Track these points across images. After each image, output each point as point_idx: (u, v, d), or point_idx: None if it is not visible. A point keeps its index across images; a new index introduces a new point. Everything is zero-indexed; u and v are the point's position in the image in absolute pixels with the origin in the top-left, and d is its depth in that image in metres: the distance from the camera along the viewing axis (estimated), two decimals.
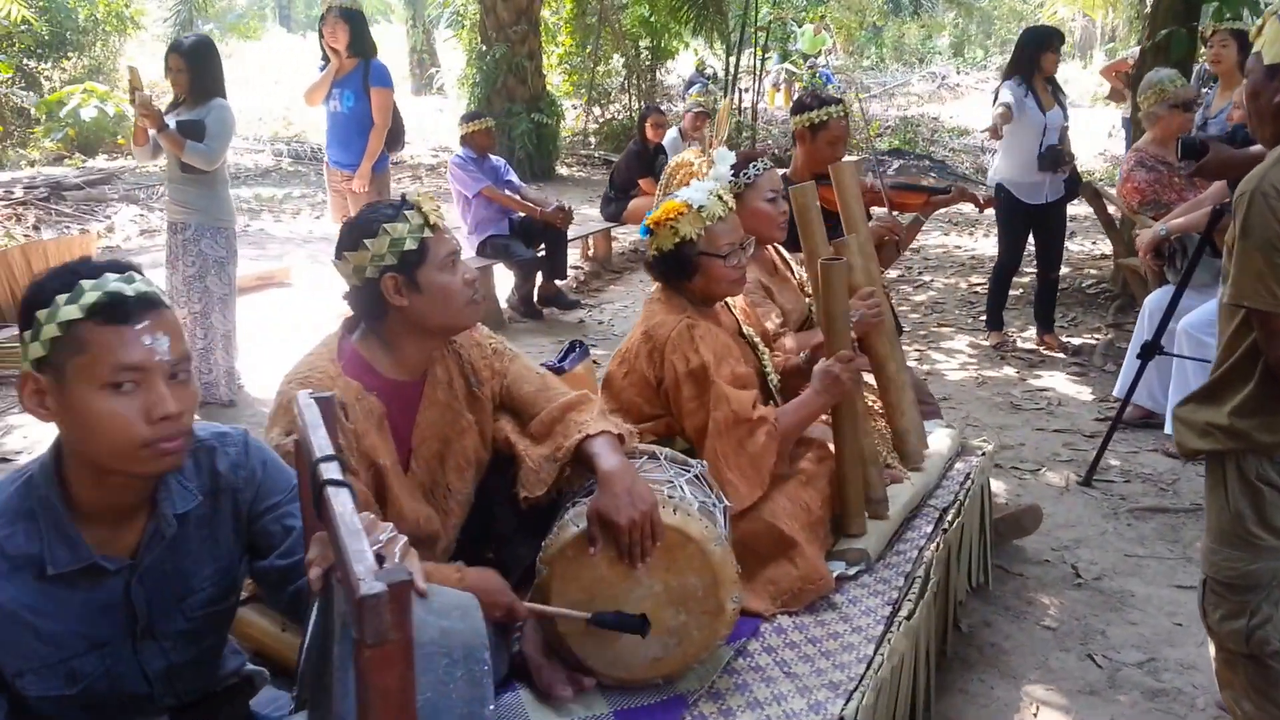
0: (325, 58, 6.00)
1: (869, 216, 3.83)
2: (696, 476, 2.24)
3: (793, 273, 3.27)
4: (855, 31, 24.36)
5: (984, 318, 6.52)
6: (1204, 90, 5.53)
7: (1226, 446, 2.14)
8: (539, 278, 6.77)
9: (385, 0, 30.16)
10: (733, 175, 3.01)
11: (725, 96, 15.50)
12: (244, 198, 10.95)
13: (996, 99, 5.64)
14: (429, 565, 1.90)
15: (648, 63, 16.68)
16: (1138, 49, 6.92)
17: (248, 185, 12.02)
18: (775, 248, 3.24)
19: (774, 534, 2.42)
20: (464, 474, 2.21)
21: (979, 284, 7.48)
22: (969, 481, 3.10)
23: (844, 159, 9.92)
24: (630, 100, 16.51)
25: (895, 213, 3.90)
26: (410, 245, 1.99)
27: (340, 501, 1.27)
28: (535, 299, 6.77)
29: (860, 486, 2.63)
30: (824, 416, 2.64)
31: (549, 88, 15.12)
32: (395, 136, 6.17)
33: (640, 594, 2.01)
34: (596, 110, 16.60)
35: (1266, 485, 2.12)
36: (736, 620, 2.11)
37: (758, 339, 2.74)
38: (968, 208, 5.88)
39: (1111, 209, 6.26)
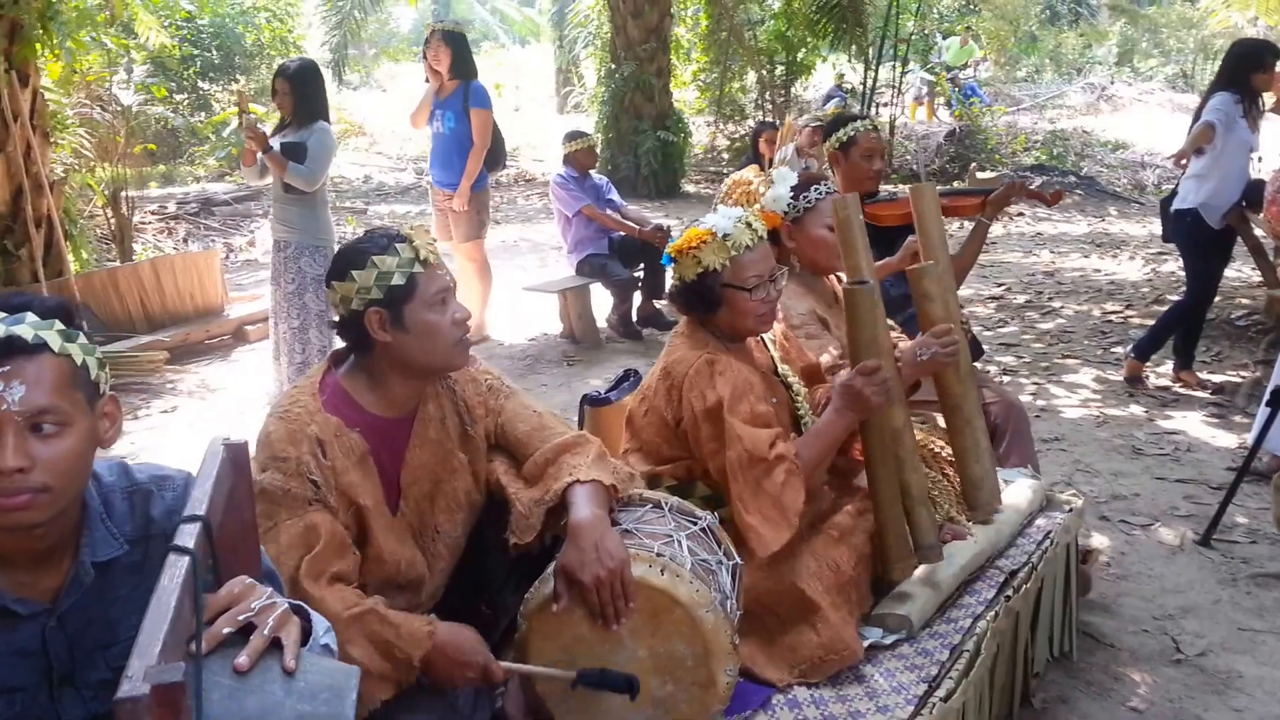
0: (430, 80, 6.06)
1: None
2: (703, 530, 2.04)
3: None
4: (1008, 42, 23.44)
5: (1117, 349, 6.06)
6: None
7: None
8: (637, 297, 6.65)
9: (534, 21, 30.77)
10: (792, 198, 2.79)
11: (863, 111, 15.17)
12: (379, 214, 11.23)
13: (1208, 107, 5.14)
14: (399, 616, 1.80)
15: (782, 78, 16.39)
16: None
17: (385, 203, 12.32)
18: (839, 277, 2.99)
19: (795, 595, 2.19)
20: (455, 516, 2.10)
21: (1113, 312, 6.96)
22: (1048, 541, 2.78)
23: (981, 174, 9.53)
24: (763, 116, 16.26)
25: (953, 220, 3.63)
26: (398, 280, 1.92)
27: (171, 573, 1.14)
28: (634, 319, 6.64)
29: (900, 525, 2.35)
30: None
31: (680, 105, 15.08)
32: (495, 157, 6.21)
33: (623, 658, 1.86)
34: (731, 126, 16.42)
35: None
36: (731, 695, 1.90)
37: (793, 378, 2.50)
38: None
39: (1259, 233, 5.71)
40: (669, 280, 2.39)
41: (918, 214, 2.77)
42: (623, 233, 6.43)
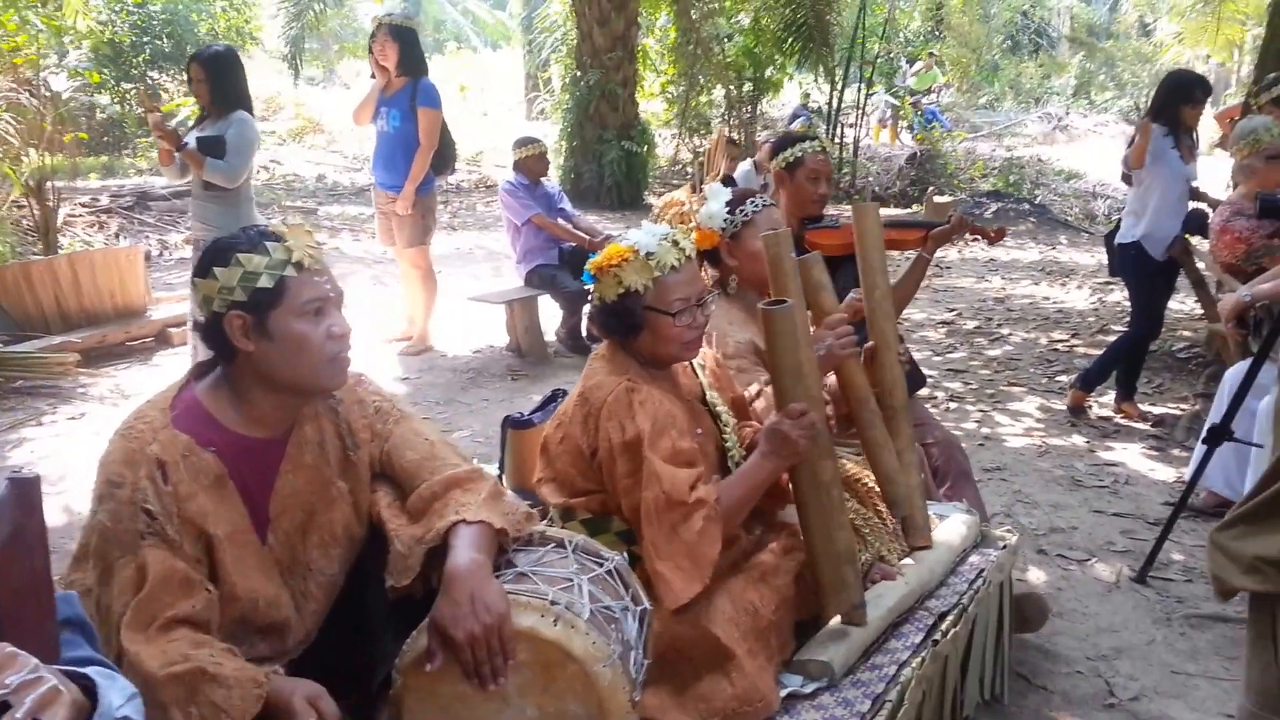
0: (375, 75, 5.91)
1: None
2: (609, 573, 1.92)
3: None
4: (970, 69, 23.66)
5: (1061, 378, 6.04)
6: None
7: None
8: (587, 311, 6.52)
9: (505, 25, 30.59)
10: (727, 213, 2.70)
11: (828, 131, 15.19)
12: (330, 215, 11.03)
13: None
14: (232, 670, 1.59)
15: (749, 94, 16.38)
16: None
17: (338, 204, 12.12)
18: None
19: (708, 642, 2.07)
20: (330, 552, 1.92)
21: (1060, 340, 6.95)
22: (981, 580, 2.70)
23: (938, 198, 9.48)
24: (728, 131, 16.22)
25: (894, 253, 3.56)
26: (265, 283, 1.74)
27: None
28: (584, 333, 6.51)
29: (835, 563, 2.25)
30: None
31: (647, 116, 15.01)
32: (443, 159, 6.05)
33: (508, 718, 1.70)
34: (696, 140, 16.37)
35: None
36: None
37: (722, 407, 2.40)
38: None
39: (1201, 265, 5.72)
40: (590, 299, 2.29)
41: (859, 234, 2.69)
42: (573, 243, 6.31)
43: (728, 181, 7.79)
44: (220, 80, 4.73)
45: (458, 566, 1.71)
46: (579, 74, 13.10)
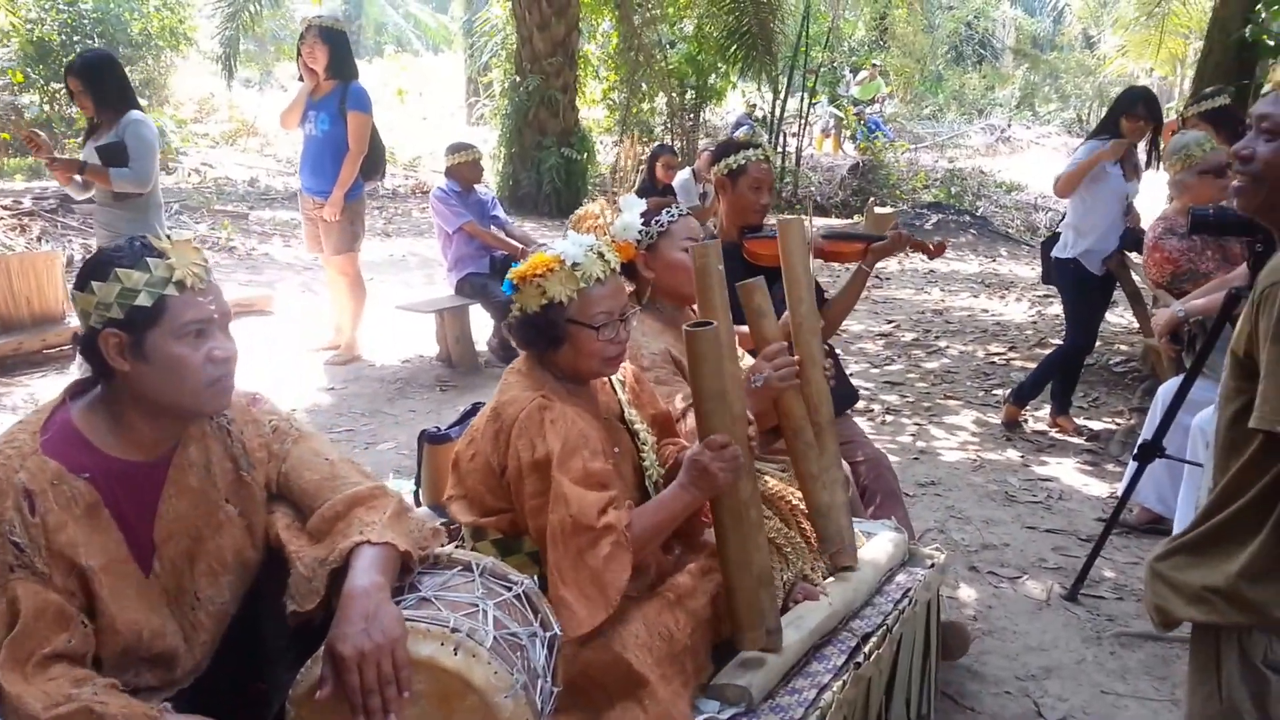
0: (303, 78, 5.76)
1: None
2: (518, 597, 1.83)
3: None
4: (914, 80, 23.89)
5: (998, 391, 6.04)
6: None
7: (1228, 620, 1.64)
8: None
9: (447, 29, 30.33)
10: (643, 224, 2.62)
11: (771, 140, 15.20)
12: (261, 219, 10.78)
13: (1075, 157, 5.18)
14: (120, 707, 1.51)
15: (692, 102, 16.36)
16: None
17: (270, 208, 11.86)
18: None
19: (620, 668, 1.98)
20: (219, 579, 1.81)
21: (997, 353, 6.96)
22: (906, 600, 2.63)
23: (879, 209, 9.48)
24: (670, 139, 16.19)
25: (828, 263, 3.50)
26: (143, 300, 1.63)
27: None
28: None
29: (752, 593, 2.15)
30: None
31: (589, 123, 14.91)
32: (373, 164, 5.90)
33: None
34: (640, 148, 16.30)
35: (1276, 672, 1.62)
36: None
37: (641, 426, 2.30)
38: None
39: (1138, 279, 5.75)
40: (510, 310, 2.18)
41: (784, 249, 2.62)
42: (506, 252, 6.18)
43: (666, 190, 7.74)
44: (100, 86, 4.56)
45: (354, 588, 1.63)
46: (518, 79, 12.96)
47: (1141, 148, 5.27)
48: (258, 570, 1.87)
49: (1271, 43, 5.99)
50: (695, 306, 2.70)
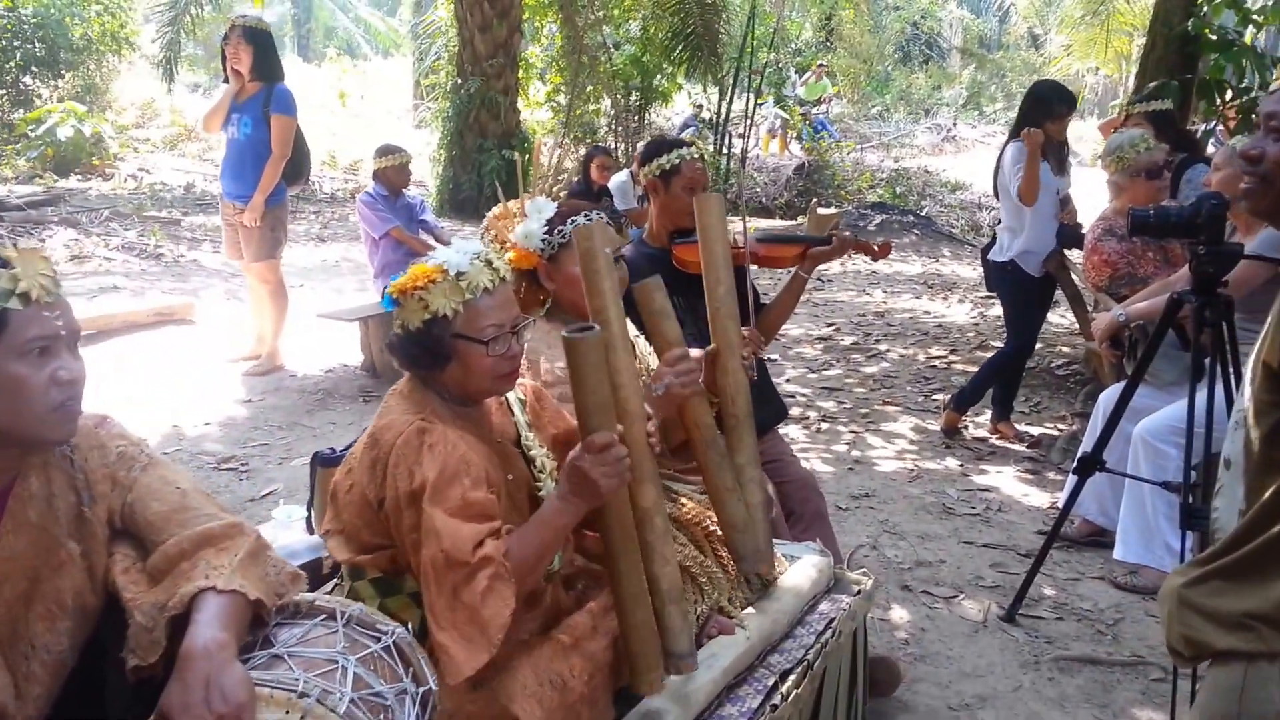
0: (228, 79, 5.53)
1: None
2: (387, 649, 1.65)
3: (635, 354, 2.65)
4: (861, 80, 23.91)
5: (938, 396, 5.93)
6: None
7: (1275, 647, 1.46)
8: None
9: (396, 31, 29.98)
10: (546, 232, 2.42)
11: (716, 141, 15.09)
12: (194, 225, 10.46)
13: (1004, 163, 5.01)
14: None
15: (637, 103, 16.19)
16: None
17: (205, 214, 11.50)
18: None
19: None
20: (56, 625, 1.62)
21: (939, 357, 6.86)
22: (830, 632, 2.47)
23: (822, 209, 9.21)
24: (615, 141, 16.02)
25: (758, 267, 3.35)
26: None
27: None
28: None
29: (648, 629, 1.96)
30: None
31: (531, 125, 14.71)
32: (297, 169, 5.68)
33: None
34: (582, 150, 16.10)
35: None
36: None
37: (539, 450, 2.11)
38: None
39: (1078, 279, 5.67)
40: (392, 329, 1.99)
41: (701, 226, 2.42)
42: None
43: (601, 192, 7.56)
44: None
45: (194, 646, 1.45)
46: (459, 81, 12.72)
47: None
48: (98, 617, 1.67)
49: (1214, 37, 5.93)
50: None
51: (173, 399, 5.35)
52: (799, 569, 2.62)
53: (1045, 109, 4.87)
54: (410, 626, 1.78)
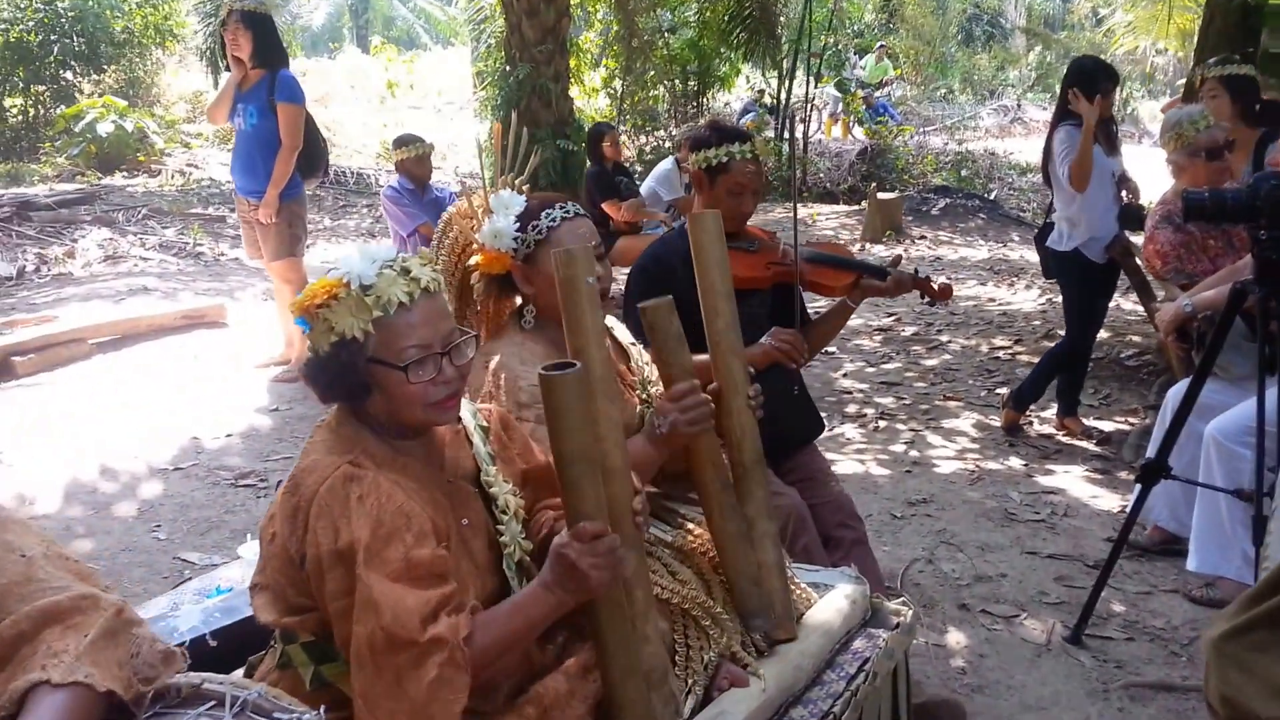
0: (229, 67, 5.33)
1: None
2: None
3: (630, 366, 2.36)
4: (923, 62, 23.22)
5: (1001, 390, 5.54)
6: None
7: None
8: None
9: (455, 20, 29.95)
10: (519, 229, 2.14)
11: (777, 127, 14.68)
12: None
13: (1054, 147, 4.64)
14: None
15: (695, 88, 15.84)
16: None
17: None
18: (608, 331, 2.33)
19: None
20: None
21: (1002, 347, 6.45)
22: (863, 676, 2.16)
23: (882, 194, 8.83)
24: (674, 128, 15.68)
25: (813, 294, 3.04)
26: None
27: None
28: None
29: (637, 692, 1.71)
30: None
31: (592, 113, 14.44)
32: (312, 161, 5.44)
33: None
34: (643, 138, 15.80)
35: None
36: None
37: (502, 488, 1.80)
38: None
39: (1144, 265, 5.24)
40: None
41: (696, 248, 2.15)
42: None
43: (617, 170, 7.20)
44: None
45: None
46: (508, 69, 12.47)
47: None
48: None
49: (1276, 6, 5.46)
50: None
51: (194, 408, 5.18)
52: (829, 601, 2.31)
53: (1089, 84, 4.46)
54: (323, 710, 1.49)
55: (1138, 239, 4.71)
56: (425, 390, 1.62)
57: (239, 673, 1.79)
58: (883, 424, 5.14)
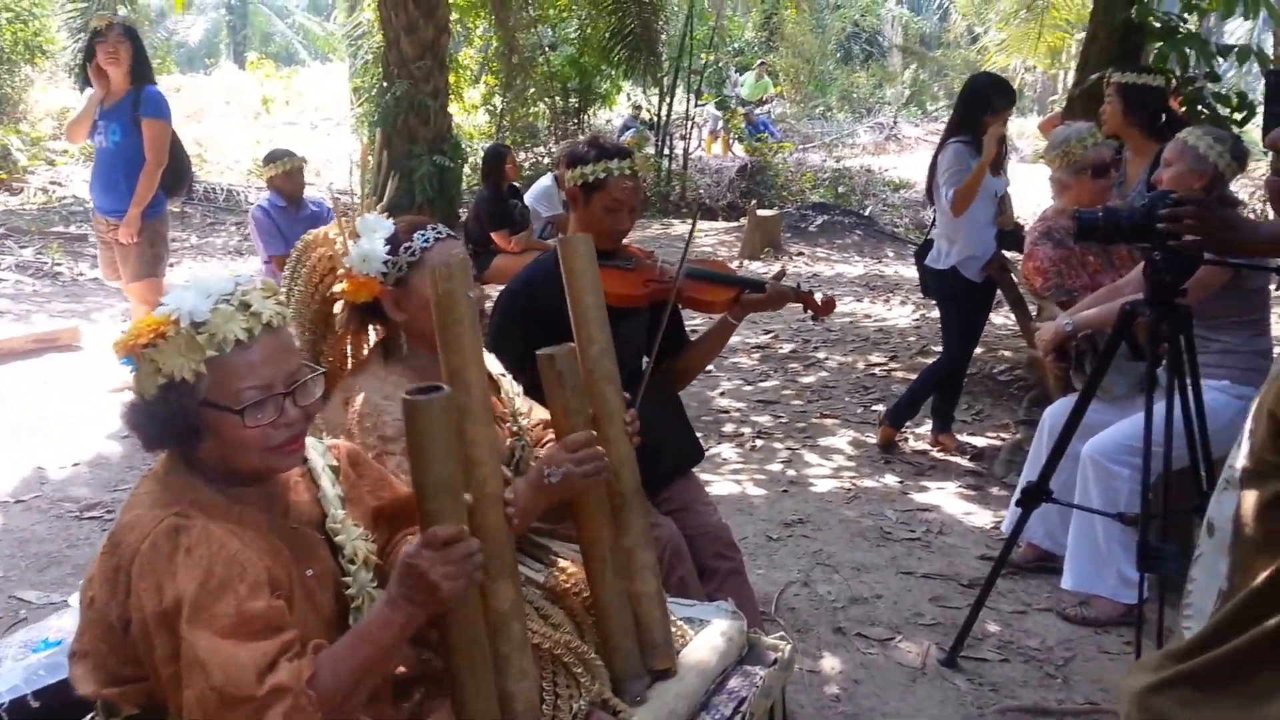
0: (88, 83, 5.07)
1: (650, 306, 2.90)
2: None
3: (501, 397, 2.27)
4: (802, 80, 23.69)
5: (877, 407, 5.60)
6: (1124, 154, 4.56)
7: None
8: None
9: (333, 35, 29.41)
10: (389, 253, 2.04)
11: (657, 143, 14.75)
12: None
13: (940, 165, 4.66)
14: None
15: (575, 105, 15.81)
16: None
17: None
18: None
19: None
20: None
21: (879, 364, 6.54)
22: (741, 716, 2.10)
23: (761, 211, 8.91)
24: (554, 145, 15.62)
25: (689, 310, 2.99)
26: None
27: None
28: None
29: None
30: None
31: (467, 129, 14.28)
32: (176, 178, 5.21)
33: None
34: (521, 154, 15.68)
35: None
36: None
37: (350, 534, 1.68)
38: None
39: (1020, 282, 5.37)
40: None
41: (568, 273, 2.06)
42: None
43: (513, 193, 7.15)
44: None
45: None
46: (386, 85, 12.25)
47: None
48: None
49: (1158, 24, 5.65)
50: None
51: (41, 436, 4.87)
52: (705, 639, 2.24)
53: (984, 103, 4.56)
54: None
55: (1015, 256, 4.82)
56: (264, 434, 1.51)
57: None
58: (760, 443, 5.13)
